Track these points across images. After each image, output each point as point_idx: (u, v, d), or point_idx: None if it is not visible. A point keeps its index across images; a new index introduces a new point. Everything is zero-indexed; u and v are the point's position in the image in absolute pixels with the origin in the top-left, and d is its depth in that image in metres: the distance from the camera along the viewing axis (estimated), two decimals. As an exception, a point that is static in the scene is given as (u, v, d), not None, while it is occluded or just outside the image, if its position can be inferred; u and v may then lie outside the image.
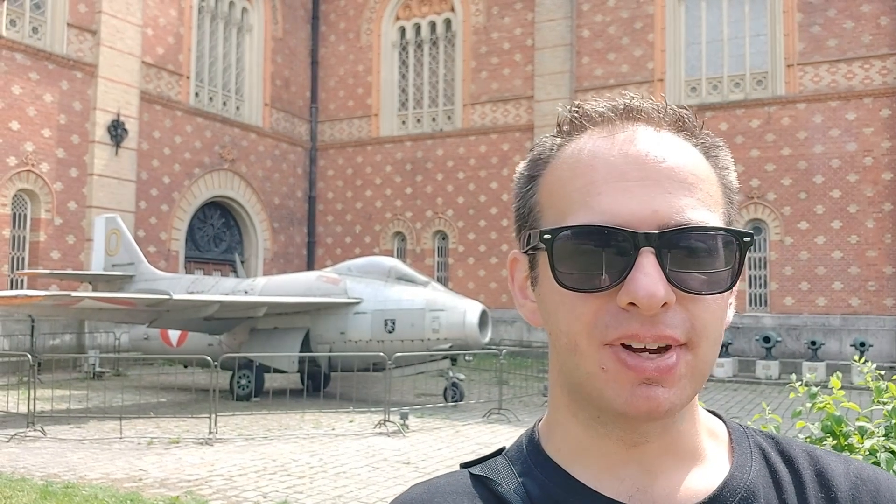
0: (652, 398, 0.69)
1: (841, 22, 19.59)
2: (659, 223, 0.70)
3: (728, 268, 0.72)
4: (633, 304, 0.68)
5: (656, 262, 0.69)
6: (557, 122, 0.81)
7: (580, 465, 0.77)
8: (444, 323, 13.26)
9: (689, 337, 0.70)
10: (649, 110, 0.77)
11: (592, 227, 0.71)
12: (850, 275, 19.06)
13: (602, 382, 0.70)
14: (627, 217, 0.70)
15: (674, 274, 0.69)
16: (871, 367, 3.26)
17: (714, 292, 0.71)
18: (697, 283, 0.70)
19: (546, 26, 23.08)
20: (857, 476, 0.79)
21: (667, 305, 0.69)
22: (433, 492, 0.80)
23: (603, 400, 0.71)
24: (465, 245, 24.03)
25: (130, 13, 20.04)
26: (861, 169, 19.12)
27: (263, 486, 7.58)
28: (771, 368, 17.74)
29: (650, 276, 0.68)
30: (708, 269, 0.71)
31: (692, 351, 0.70)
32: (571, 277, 0.71)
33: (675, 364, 0.69)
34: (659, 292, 0.68)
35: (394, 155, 25.44)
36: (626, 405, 0.69)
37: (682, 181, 0.73)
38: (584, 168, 0.75)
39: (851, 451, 2.82)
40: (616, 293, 0.69)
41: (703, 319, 0.71)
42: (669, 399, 0.69)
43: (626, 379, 0.69)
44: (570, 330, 0.72)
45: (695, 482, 0.76)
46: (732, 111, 20.64)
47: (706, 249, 0.71)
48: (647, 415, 0.70)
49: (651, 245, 0.69)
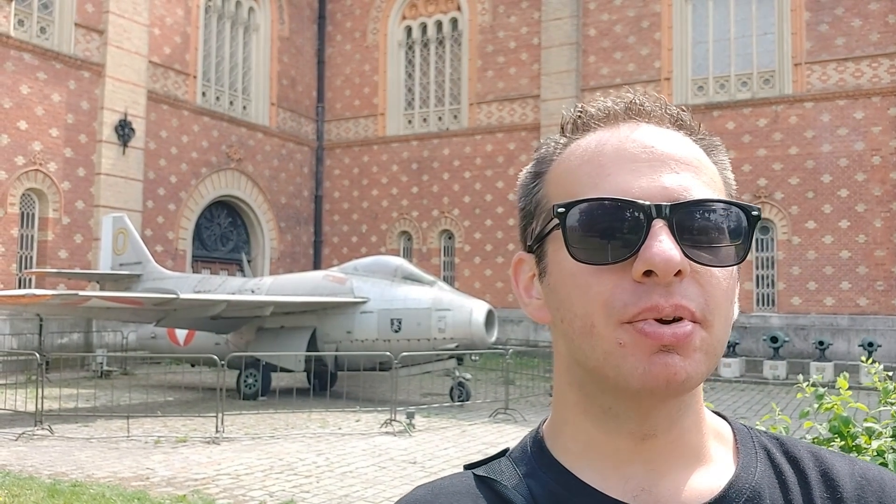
0: (670, 365, 0.69)
1: (849, 20, 19.51)
2: (669, 198, 0.71)
3: (736, 243, 0.73)
4: (647, 276, 0.69)
5: (669, 232, 0.70)
6: (561, 124, 0.82)
7: (586, 465, 0.77)
8: (451, 322, 13.25)
9: (703, 313, 0.70)
10: (651, 108, 0.79)
11: (606, 199, 0.72)
12: (858, 274, 18.98)
13: (619, 358, 0.70)
14: (638, 193, 0.71)
15: (686, 247, 0.70)
16: (878, 368, 3.25)
17: (725, 265, 0.72)
18: (708, 257, 0.71)
19: (552, 25, 23.05)
20: (862, 476, 0.79)
21: (681, 274, 0.69)
22: (437, 493, 0.80)
23: (620, 377, 0.71)
24: (471, 244, 24.02)
25: (137, 13, 20.10)
26: (869, 168, 19.04)
27: (270, 485, 7.59)
28: (778, 368, 17.68)
29: (665, 242, 0.69)
30: (718, 243, 0.72)
31: (706, 329, 0.71)
32: (585, 252, 0.72)
33: (691, 333, 0.69)
34: (675, 257, 0.68)
35: (400, 154, 25.45)
36: (644, 375, 0.69)
37: (688, 164, 0.75)
38: (591, 155, 0.76)
39: (859, 451, 2.81)
40: (629, 268, 0.70)
41: (715, 296, 0.71)
42: (686, 369, 0.69)
43: (644, 347, 0.69)
44: (585, 311, 0.72)
45: (700, 483, 0.76)
46: (740, 110, 20.58)
47: (716, 223, 0.72)
48: (666, 384, 0.69)
49: (663, 217, 0.70)
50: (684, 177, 0.73)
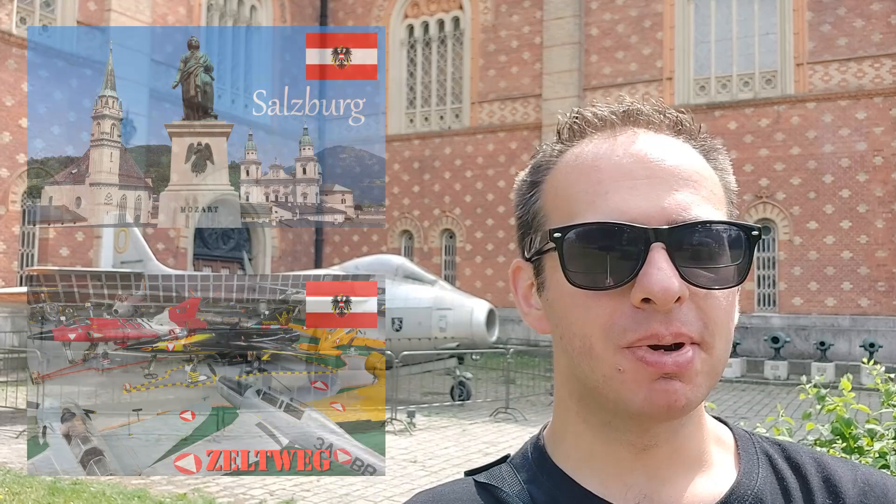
0: (671, 392, 0.68)
1: (851, 21, 19.48)
2: (667, 219, 0.70)
3: (737, 263, 0.71)
4: (646, 302, 0.68)
5: (668, 256, 0.68)
6: (557, 130, 0.81)
7: (587, 472, 0.76)
8: (452, 321, 13.25)
9: (702, 336, 0.69)
10: (649, 113, 0.77)
11: (603, 224, 0.70)
12: (859, 275, 18.96)
13: (619, 384, 0.70)
14: (636, 214, 0.70)
15: (684, 269, 0.69)
16: (880, 369, 3.24)
17: (724, 287, 0.71)
18: (708, 278, 0.70)
19: (554, 24, 23.03)
20: (865, 482, 0.79)
21: (680, 300, 0.68)
22: (438, 499, 0.80)
23: (620, 402, 0.70)
24: (472, 244, 24.02)
25: (139, 11, 20.11)
26: (871, 168, 19.02)
27: (270, 483, 7.59)
28: (779, 369, 17.67)
29: (663, 270, 0.67)
30: (717, 264, 0.71)
31: (707, 351, 0.70)
32: (583, 276, 0.70)
33: (692, 359, 0.69)
34: (673, 286, 0.67)
35: (402, 153, 25.44)
36: (644, 402, 0.69)
37: (686, 179, 0.73)
38: (588, 169, 0.75)
39: (861, 453, 2.80)
40: (628, 292, 0.69)
41: (715, 318, 0.70)
42: (686, 395, 0.69)
43: (644, 376, 0.68)
44: (584, 332, 0.71)
45: (701, 489, 0.75)
46: (741, 110, 20.56)
47: (715, 244, 0.71)
48: (667, 410, 0.69)
49: (661, 241, 0.69)
50: (683, 195, 0.72)
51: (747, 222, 0.73)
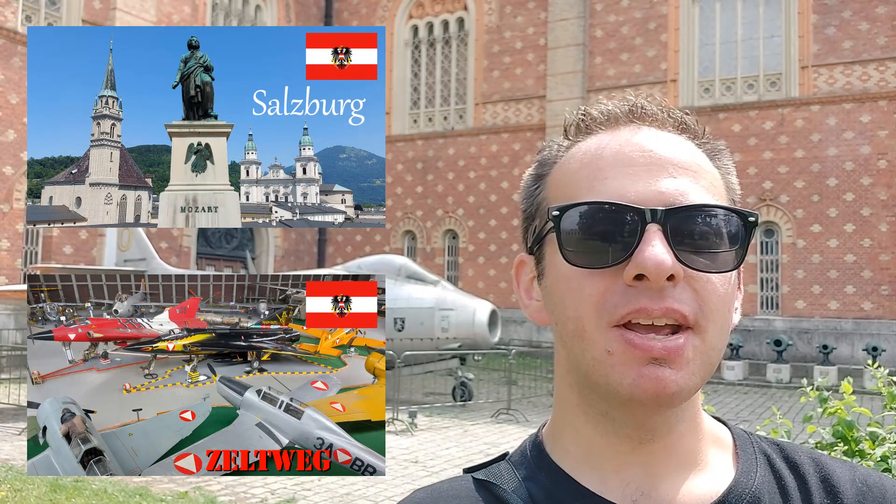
0: (659, 378, 0.68)
1: (856, 24, 19.45)
2: (665, 203, 0.71)
3: (734, 248, 0.72)
4: (639, 280, 0.69)
5: (663, 237, 0.69)
6: (564, 127, 0.82)
7: (586, 469, 0.77)
8: (454, 322, 13.25)
9: (696, 318, 0.70)
10: (654, 112, 0.79)
11: (601, 203, 0.71)
12: (862, 279, 18.92)
13: (608, 367, 0.70)
14: (634, 197, 0.71)
15: (680, 252, 0.70)
16: (883, 373, 3.23)
17: (720, 271, 0.72)
18: (703, 261, 0.71)
19: (559, 26, 23.03)
20: (863, 482, 0.79)
21: (674, 279, 0.69)
22: (436, 496, 0.80)
23: (609, 386, 0.71)
24: (475, 244, 24.02)
25: (144, 9, 20.16)
26: (875, 172, 18.98)
27: (271, 482, 7.60)
28: (782, 372, 17.65)
29: (657, 246, 0.68)
30: (714, 248, 0.71)
31: (700, 335, 0.70)
32: (580, 255, 0.72)
33: (683, 345, 0.69)
34: (666, 261, 0.68)
35: (405, 153, 25.45)
36: (632, 387, 0.69)
37: (686, 168, 0.74)
38: (590, 159, 0.76)
39: (862, 456, 2.79)
40: (622, 271, 0.70)
41: (711, 302, 0.71)
42: (677, 381, 0.69)
43: (632, 359, 0.69)
44: (577, 313, 0.72)
45: (699, 488, 0.76)
46: (746, 112, 20.53)
47: (712, 229, 0.71)
48: (655, 396, 0.69)
49: (657, 222, 0.70)
50: (682, 181, 0.73)
51: (744, 208, 0.74)
